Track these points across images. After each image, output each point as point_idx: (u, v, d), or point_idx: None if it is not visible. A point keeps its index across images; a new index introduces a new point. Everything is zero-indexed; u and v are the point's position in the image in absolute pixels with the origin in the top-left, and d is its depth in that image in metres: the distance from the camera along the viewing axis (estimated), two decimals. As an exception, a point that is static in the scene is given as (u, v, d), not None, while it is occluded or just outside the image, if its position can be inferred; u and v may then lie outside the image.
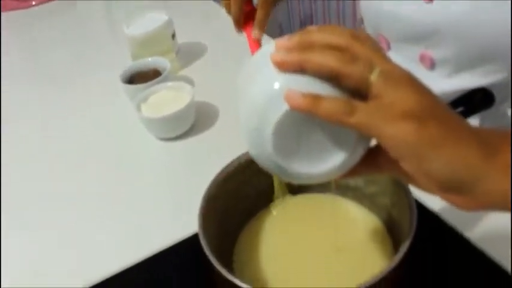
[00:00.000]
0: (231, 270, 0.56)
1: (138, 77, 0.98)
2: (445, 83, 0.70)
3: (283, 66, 0.37)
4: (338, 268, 0.55)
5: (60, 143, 0.94)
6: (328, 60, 0.36)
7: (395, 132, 0.34)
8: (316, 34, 0.38)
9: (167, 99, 0.89)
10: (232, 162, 0.57)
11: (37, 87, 1.14)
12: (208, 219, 0.52)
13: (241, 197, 0.59)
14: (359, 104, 0.35)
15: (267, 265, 0.56)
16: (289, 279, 0.55)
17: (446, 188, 0.36)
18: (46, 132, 0.98)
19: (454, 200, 0.37)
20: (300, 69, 0.37)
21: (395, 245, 0.56)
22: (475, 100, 0.67)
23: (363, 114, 0.35)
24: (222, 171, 0.56)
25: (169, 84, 0.92)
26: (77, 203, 0.78)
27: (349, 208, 0.61)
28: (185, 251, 0.62)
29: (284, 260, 0.57)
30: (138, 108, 0.88)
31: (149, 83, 0.92)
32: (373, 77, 0.35)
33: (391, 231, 0.57)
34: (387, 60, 0.37)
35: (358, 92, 0.36)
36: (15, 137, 0.96)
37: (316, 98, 0.35)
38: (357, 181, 0.60)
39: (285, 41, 0.38)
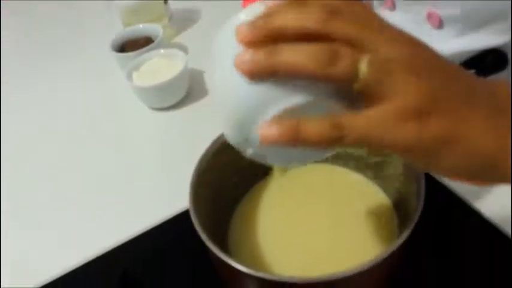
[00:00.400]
0: (225, 246, 0.53)
1: (130, 45, 0.93)
2: (454, 43, 0.65)
3: (252, 76, 0.30)
4: (339, 244, 0.52)
5: (50, 113, 0.91)
6: (302, 62, 0.29)
7: (396, 140, 0.29)
8: (283, 16, 0.30)
9: (159, 67, 0.85)
10: (224, 133, 0.53)
11: (27, 57, 1.10)
12: (201, 194, 0.49)
13: (236, 169, 0.55)
14: (348, 119, 0.29)
15: (264, 240, 0.53)
16: (287, 254, 0.51)
17: (462, 178, 0.33)
18: (35, 102, 0.94)
19: (470, 182, 0.33)
20: (272, 75, 0.30)
21: (401, 217, 0.52)
22: (487, 62, 0.64)
23: (354, 131, 0.29)
24: (214, 143, 0.52)
25: (162, 51, 0.88)
26: (66, 176, 0.76)
27: (352, 179, 0.58)
28: (179, 226, 0.59)
29: (282, 235, 0.53)
30: (129, 77, 0.84)
31: (140, 50, 0.88)
32: (362, 72, 0.29)
33: (396, 203, 0.54)
34: (380, 33, 0.31)
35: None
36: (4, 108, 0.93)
37: (294, 127, 0.29)
38: (359, 150, 0.56)
39: (247, 30, 0.30)
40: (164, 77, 0.81)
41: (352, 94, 0.30)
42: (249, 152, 0.35)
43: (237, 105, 0.32)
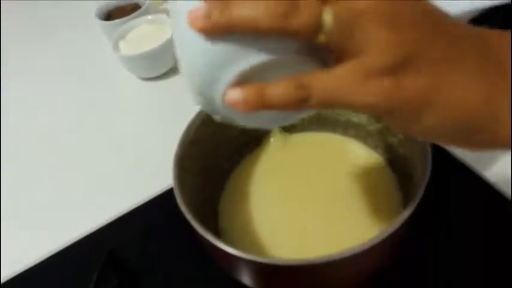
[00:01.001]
0: (215, 224, 0.49)
1: (116, 13, 0.89)
2: (461, 2, 0.60)
3: (207, 34, 0.27)
4: (338, 220, 0.48)
5: (36, 85, 0.87)
6: (258, 16, 0.26)
7: (366, 101, 0.26)
8: None
9: (147, 34, 0.80)
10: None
11: (13, 29, 1.06)
12: (187, 168, 0.45)
13: (226, 139, 0.51)
14: (314, 78, 0.27)
15: (257, 217, 0.49)
16: (281, 233, 0.48)
17: (446, 142, 0.29)
18: (22, 74, 0.91)
19: (458, 147, 0.30)
20: (228, 31, 0.27)
21: (403, 186, 0.48)
22: (496, 19, 0.59)
23: (320, 91, 0.26)
24: (201, 112, 0.48)
25: (150, 17, 0.84)
26: (54, 147, 0.74)
27: (352, 148, 0.54)
28: (167, 203, 0.56)
29: (276, 212, 0.50)
30: (116, 46, 0.80)
31: (127, 17, 0.83)
32: (326, 25, 0.26)
33: (398, 173, 0.50)
34: None
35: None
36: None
37: (258, 91, 0.27)
38: (360, 117, 0.52)
39: None
40: (152, 45, 0.76)
41: (321, 52, 0.28)
42: (217, 117, 0.33)
43: (196, 65, 0.29)
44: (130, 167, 0.67)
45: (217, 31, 0.27)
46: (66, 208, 0.64)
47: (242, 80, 0.28)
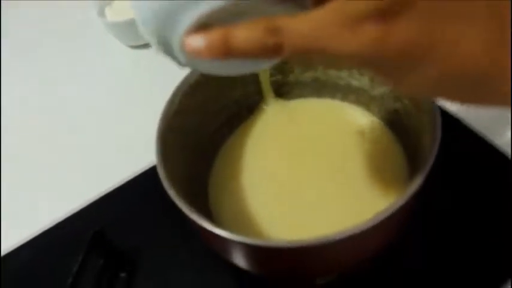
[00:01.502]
0: (204, 204, 0.45)
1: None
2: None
3: None
4: (341, 193, 0.44)
5: (21, 56, 0.83)
6: None
7: (348, 48, 0.22)
8: None
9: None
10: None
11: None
12: (172, 140, 0.41)
13: (214, 110, 0.47)
14: (286, 21, 0.23)
15: (251, 195, 0.45)
16: (276, 210, 0.44)
17: (445, 98, 0.25)
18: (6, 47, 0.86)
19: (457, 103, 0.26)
20: None
21: (410, 157, 0.44)
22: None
23: (293, 36, 0.23)
24: (187, 79, 0.44)
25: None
26: (33, 123, 0.70)
27: (353, 115, 0.49)
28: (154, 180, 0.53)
29: (271, 187, 0.46)
30: (102, 13, 0.76)
31: (113, -19, 0.78)
32: None
33: (404, 142, 0.46)
34: None
35: None
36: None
37: (222, 36, 0.24)
38: (361, 81, 0.47)
39: None
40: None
41: None
42: (179, 65, 0.29)
43: (151, 7, 0.25)
44: (116, 142, 0.64)
45: None
46: (48, 186, 0.61)
47: (202, 26, 0.24)
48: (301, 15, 0.23)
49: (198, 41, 0.24)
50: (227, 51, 0.24)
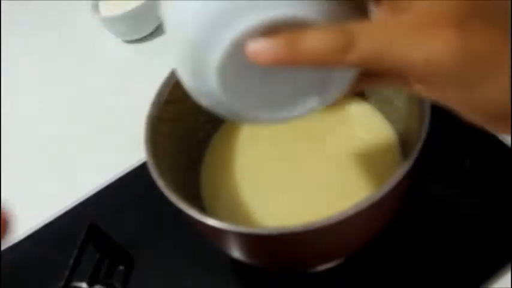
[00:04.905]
0: (196, 194, 0.45)
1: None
2: None
3: None
4: (333, 181, 0.43)
5: (18, 54, 0.83)
6: None
7: (425, 54, 0.21)
8: None
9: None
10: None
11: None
12: (163, 131, 0.41)
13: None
14: (358, 26, 0.22)
15: (244, 184, 0.45)
16: (271, 198, 0.43)
17: (498, 119, 0.23)
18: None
19: (498, 128, 0.24)
20: None
21: (402, 144, 0.44)
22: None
23: (367, 41, 0.21)
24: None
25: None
26: (30, 115, 0.71)
27: (344, 102, 0.49)
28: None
29: (264, 175, 0.45)
30: (95, 8, 0.75)
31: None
32: None
33: (396, 128, 0.45)
34: None
35: None
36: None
37: (292, 40, 0.22)
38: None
39: None
40: (134, 4, 0.72)
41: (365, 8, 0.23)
42: (206, 100, 0.28)
43: (193, 17, 0.23)
44: (112, 136, 0.63)
45: None
46: (44, 180, 0.61)
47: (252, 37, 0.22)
48: (369, 21, 0.22)
49: (260, 44, 0.22)
50: (294, 54, 0.22)
